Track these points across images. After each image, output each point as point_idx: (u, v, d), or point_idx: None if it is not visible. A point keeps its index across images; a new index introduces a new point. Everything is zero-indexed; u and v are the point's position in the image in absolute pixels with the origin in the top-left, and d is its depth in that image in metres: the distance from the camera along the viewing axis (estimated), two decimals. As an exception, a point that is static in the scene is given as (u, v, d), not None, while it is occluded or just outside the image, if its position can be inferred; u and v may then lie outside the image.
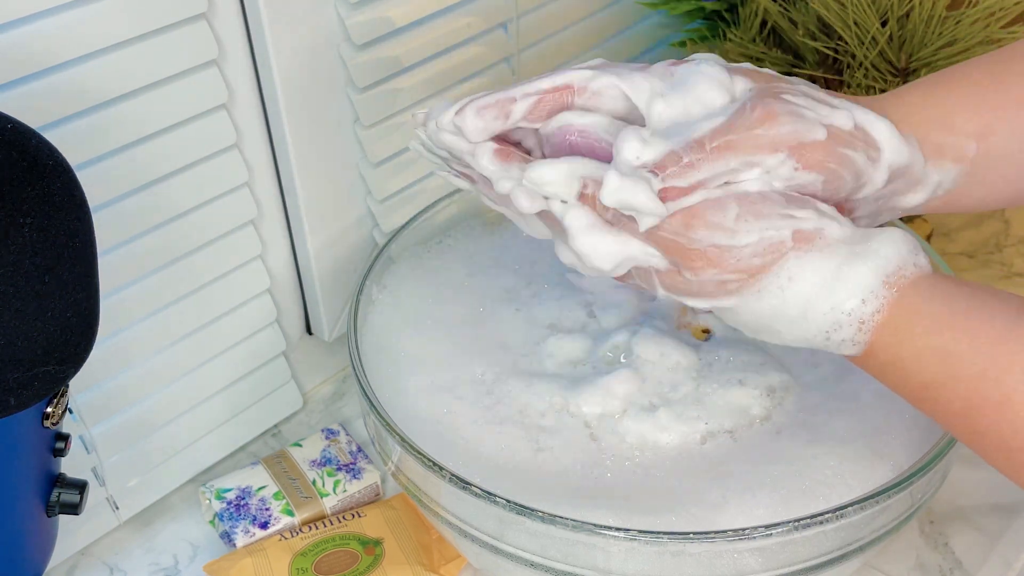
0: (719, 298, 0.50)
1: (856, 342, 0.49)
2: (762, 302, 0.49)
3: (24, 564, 0.54)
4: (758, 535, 0.51)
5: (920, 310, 0.48)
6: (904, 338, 0.48)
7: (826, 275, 0.49)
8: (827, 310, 0.49)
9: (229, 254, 0.70)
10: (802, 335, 0.50)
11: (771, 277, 0.49)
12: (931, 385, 0.47)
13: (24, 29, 0.55)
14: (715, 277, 0.49)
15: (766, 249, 0.49)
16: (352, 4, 0.68)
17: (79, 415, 0.66)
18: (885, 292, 0.48)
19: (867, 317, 0.48)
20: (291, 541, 0.68)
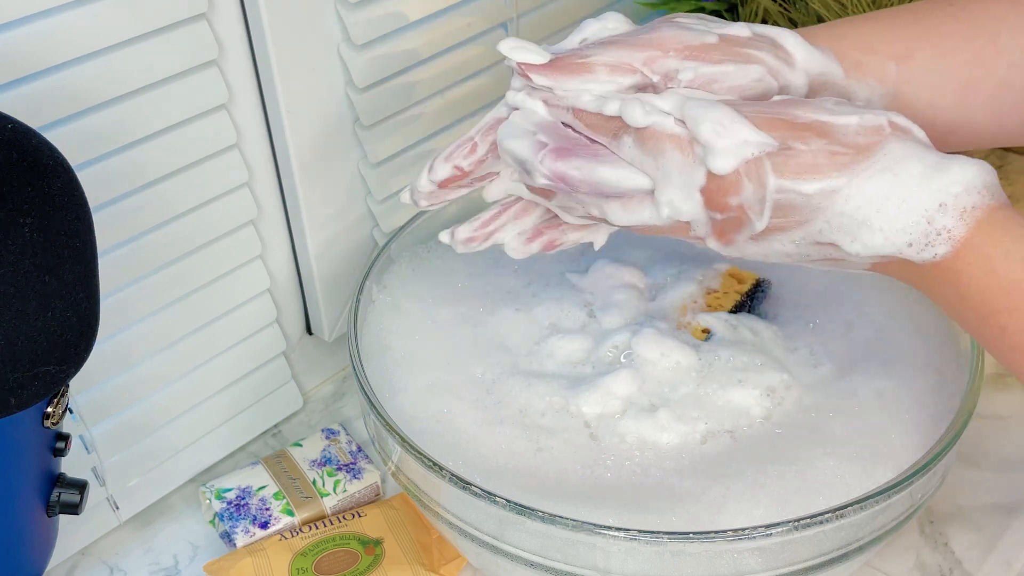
0: (831, 173, 0.48)
1: (953, 235, 0.48)
2: (875, 180, 0.48)
3: (24, 564, 0.54)
4: (758, 535, 0.51)
5: (1013, 218, 0.48)
6: (998, 238, 0.47)
7: (932, 160, 0.48)
8: (934, 191, 0.48)
9: (229, 254, 0.70)
10: (906, 221, 0.48)
11: (879, 156, 0.48)
12: (1010, 290, 0.47)
13: (24, 29, 0.55)
14: (826, 147, 0.49)
15: (868, 130, 0.49)
16: (352, 4, 0.68)
17: (79, 415, 0.66)
18: (985, 193, 0.48)
19: (968, 208, 0.48)
20: (291, 541, 0.68)
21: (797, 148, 0.49)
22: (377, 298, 0.70)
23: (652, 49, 0.53)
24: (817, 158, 0.48)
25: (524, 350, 0.67)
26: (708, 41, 0.53)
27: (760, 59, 0.53)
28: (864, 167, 0.48)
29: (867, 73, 0.56)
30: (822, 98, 0.52)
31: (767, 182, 0.48)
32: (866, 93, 0.56)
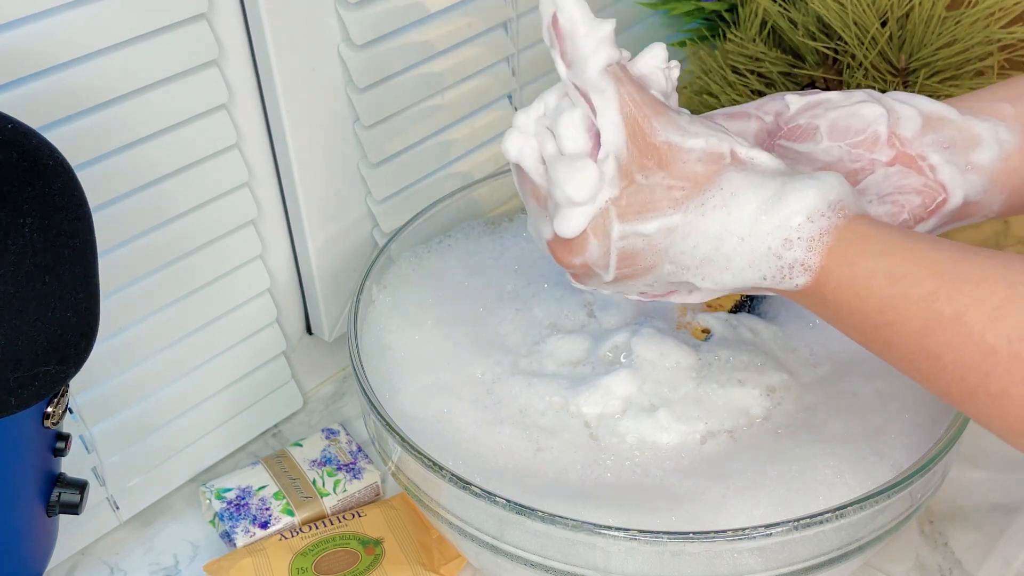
0: (666, 211, 0.51)
1: (807, 266, 0.49)
2: (708, 218, 0.50)
3: (24, 564, 0.54)
4: (758, 535, 0.51)
5: (868, 234, 0.48)
6: (855, 259, 0.48)
7: (768, 192, 0.50)
8: (774, 227, 0.49)
9: (229, 254, 0.70)
10: (751, 258, 0.50)
11: (714, 190, 0.50)
12: (885, 308, 0.47)
13: (24, 29, 0.55)
14: (663, 181, 0.51)
15: (709, 156, 0.51)
16: (352, 4, 0.68)
17: (79, 415, 0.66)
18: (831, 215, 0.49)
19: (816, 236, 0.49)
20: (291, 541, 0.68)
21: (639, 183, 0.51)
22: (377, 298, 0.70)
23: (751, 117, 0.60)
24: (655, 193, 0.51)
25: (524, 350, 0.67)
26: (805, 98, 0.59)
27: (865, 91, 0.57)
28: (699, 202, 0.50)
29: (981, 112, 0.57)
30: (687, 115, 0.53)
31: (611, 231, 0.52)
32: (988, 127, 0.57)
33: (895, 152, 0.57)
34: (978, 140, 0.56)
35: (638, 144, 0.51)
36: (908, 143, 0.57)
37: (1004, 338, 0.43)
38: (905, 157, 0.57)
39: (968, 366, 0.45)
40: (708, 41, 0.94)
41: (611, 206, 0.52)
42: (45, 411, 0.49)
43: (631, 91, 0.52)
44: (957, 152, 0.57)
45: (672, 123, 0.52)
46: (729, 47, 0.88)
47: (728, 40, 0.88)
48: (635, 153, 0.51)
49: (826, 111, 0.57)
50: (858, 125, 0.57)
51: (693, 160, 0.51)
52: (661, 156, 0.51)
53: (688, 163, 0.51)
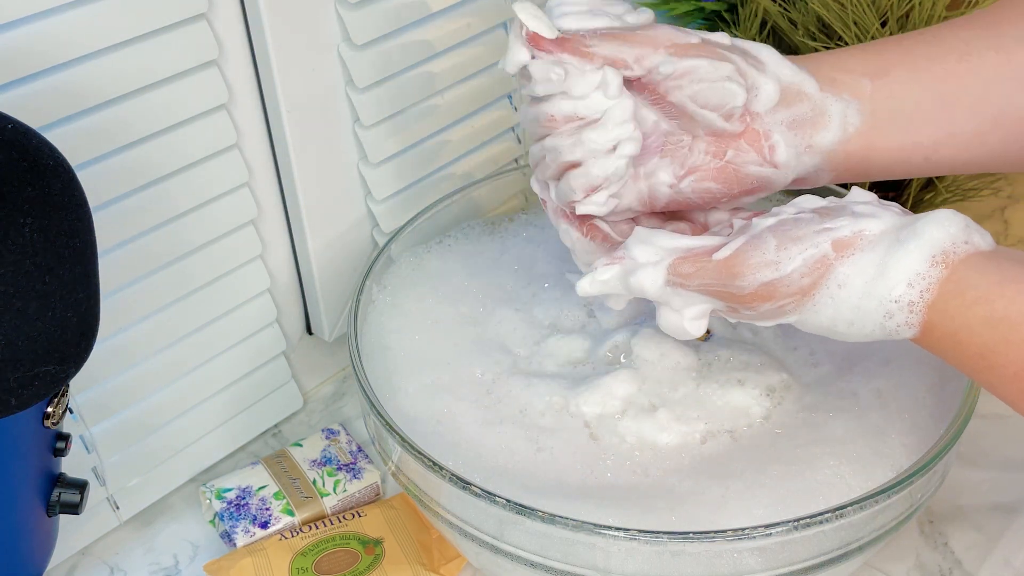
0: (779, 319, 0.53)
1: (911, 324, 0.50)
2: (820, 314, 0.51)
3: (24, 564, 0.54)
4: (758, 535, 0.51)
5: (969, 282, 0.49)
6: (955, 312, 0.49)
7: (871, 271, 0.50)
8: (877, 304, 0.50)
9: (229, 254, 0.70)
10: (861, 332, 0.51)
11: (822, 290, 0.51)
12: (985, 354, 0.48)
13: (24, 29, 0.55)
14: (771, 307, 0.52)
15: (811, 268, 0.51)
16: (352, 4, 0.68)
17: (79, 415, 0.66)
18: (932, 271, 0.49)
19: (915, 299, 0.49)
20: (291, 541, 0.68)
21: (745, 312, 0.53)
22: (377, 298, 0.70)
23: (645, 47, 0.56)
24: (764, 315, 0.53)
25: (524, 350, 0.67)
26: (691, 40, 0.57)
27: (731, 59, 0.56)
28: (811, 304, 0.52)
29: (841, 88, 0.58)
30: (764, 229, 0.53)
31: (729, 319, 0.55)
32: (841, 107, 0.57)
33: (744, 127, 0.57)
34: (826, 122, 0.57)
35: (733, 301, 0.53)
36: (758, 119, 0.57)
37: None
38: (751, 133, 0.57)
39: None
40: (708, 41, 0.94)
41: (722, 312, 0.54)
42: (45, 411, 0.49)
43: (701, 283, 0.53)
44: (801, 133, 0.57)
45: (760, 267, 0.51)
46: (729, 47, 0.88)
47: (728, 40, 0.88)
48: (735, 304, 0.53)
49: (691, 82, 0.56)
50: (716, 101, 0.56)
51: (796, 279, 0.51)
52: (761, 295, 0.52)
53: (791, 284, 0.51)
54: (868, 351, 0.65)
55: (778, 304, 0.52)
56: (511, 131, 0.86)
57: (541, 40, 0.56)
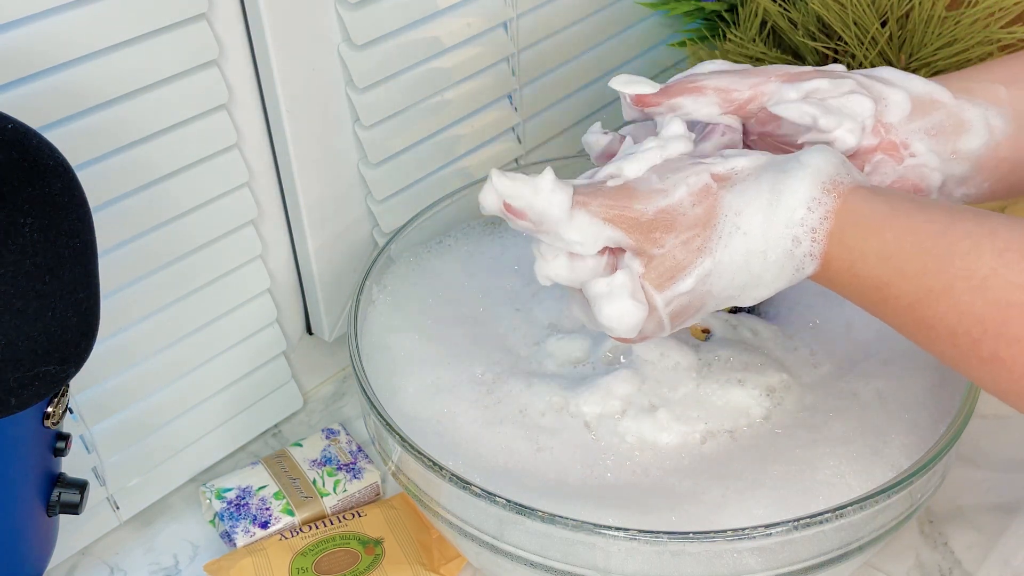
0: (697, 262, 0.52)
1: (814, 255, 0.51)
2: (730, 249, 0.51)
3: (24, 564, 0.54)
4: (758, 535, 0.51)
5: (862, 213, 0.50)
6: (851, 243, 0.50)
7: (766, 196, 0.51)
8: (783, 228, 0.50)
9: (229, 254, 0.70)
10: (777, 265, 0.51)
11: (722, 220, 0.51)
12: (880, 285, 0.49)
13: (24, 29, 0.55)
14: (676, 239, 0.52)
15: (698, 195, 0.52)
16: (352, 4, 0.68)
17: (79, 415, 0.66)
18: (826, 199, 0.50)
19: (817, 224, 0.50)
20: (291, 541, 0.68)
21: (657, 255, 0.52)
22: (377, 298, 0.70)
23: (758, 76, 0.58)
24: (676, 255, 0.52)
25: (524, 350, 0.67)
26: (805, 69, 0.57)
27: (852, 77, 0.57)
28: (716, 236, 0.52)
29: (976, 95, 0.57)
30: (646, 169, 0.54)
31: (657, 303, 0.53)
32: (980, 112, 0.57)
33: (879, 140, 0.57)
34: (968, 126, 0.57)
35: (636, 229, 0.53)
36: (893, 130, 0.57)
37: (992, 305, 0.45)
38: (889, 145, 0.57)
39: (959, 334, 0.47)
40: (708, 41, 0.94)
41: (643, 282, 0.53)
42: (45, 411, 0.49)
43: (601, 201, 0.53)
44: (944, 139, 0.57)
45: (650, 194, 0.53)
46: (729, 47, 0.88)
47: (728, 40, 0.88)
48: (639, 237, 0.53)
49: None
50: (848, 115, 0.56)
51: (688, 207, 0.52)
52: (662, 223, 0.52)
53: (686, 213, 0.52)
54: (868, 352, 0.65)
55: (683, 237, 0.52)
56: (511, 131, 0.86)
57: (646, 98, 0.58)
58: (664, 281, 0.53)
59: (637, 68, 0.95)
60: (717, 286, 0.53)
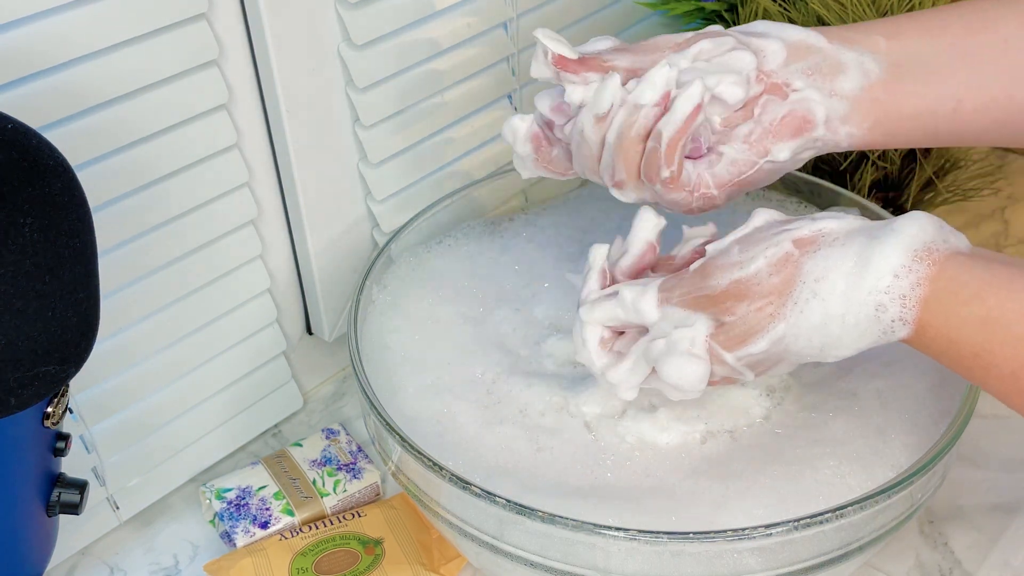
0: (769, 328, 0.52)
1: (905, 320, 0.50)
2: (806, 314, 0.51)
3: (24, 564, 0.54)
4: (758, 535, 0.51)
5: (960, 280, 0.49)
6: (949, 309, 0.49)
7: (850, 263, 0.50)
8: (866, 295, 0.50)
9: (229, 254, 0.71)
10: (858, 330, 0.51)
11: (799, 287, 0.51)
12: (980, 353, 0.48)
13: (24, 29, 0.55)
14: (749, 307, 0.52)
15: (777, 265, 0.52)
16: (352, 4, 0.68)
17: (79, 415, 0.66)
18: (918, 266, 0.49)
19: (907, 291, 0.49)
20: (291, 541, 0.68)
21: (728, 322, 0.53)
22: (377, 298, 0.70)
23: (652, 53, 0.60)
24: (748, 321, 0.53)
25: (524, 350, 0.67)
26: (688, 35, 0.61)
27: (731, 34, 0.60)
28: (791, 304, 0.52)
29: (853, 43, 0.59)
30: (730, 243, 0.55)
31: (726, 359, 0.54)
32: (855, 55, 0.59)
33: (763, 85, 0.59)
34: (843, 67, 0.59)
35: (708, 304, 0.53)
36: (773, 74, 0.59)
37: None
38: (772, 87, 0.59)
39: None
40: (708, 41, 0.94)
41: (711, 341, 0.54)
42: (45, 411, 0.49)
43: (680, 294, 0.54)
44: (821, 78, 0.59)
45: (724, 267, 0.53)
46: (729, 47, 0.88)
47: (728, 40, 0.88)
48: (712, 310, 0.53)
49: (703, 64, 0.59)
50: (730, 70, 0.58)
51: (765, 278, 0.52)
52: (733, 294, 0.53)
53: (761, 283, 0.52)
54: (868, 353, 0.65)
55: (755, 305, 0.52)
56: (511, 131, 0.86)
57: (567, 61, 0.59)
58: (733, 344, 0.53)
59: (637, 68, 0.95)
60: (794, 347, 0.52)
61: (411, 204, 0.78)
